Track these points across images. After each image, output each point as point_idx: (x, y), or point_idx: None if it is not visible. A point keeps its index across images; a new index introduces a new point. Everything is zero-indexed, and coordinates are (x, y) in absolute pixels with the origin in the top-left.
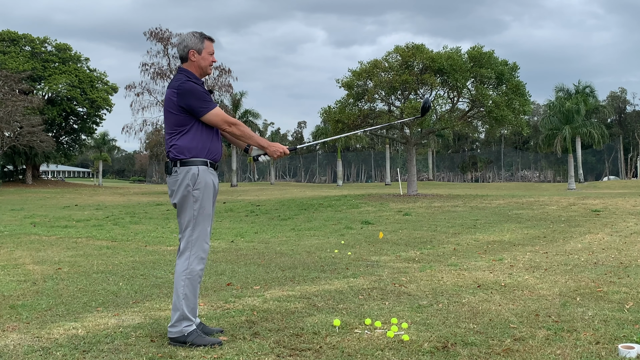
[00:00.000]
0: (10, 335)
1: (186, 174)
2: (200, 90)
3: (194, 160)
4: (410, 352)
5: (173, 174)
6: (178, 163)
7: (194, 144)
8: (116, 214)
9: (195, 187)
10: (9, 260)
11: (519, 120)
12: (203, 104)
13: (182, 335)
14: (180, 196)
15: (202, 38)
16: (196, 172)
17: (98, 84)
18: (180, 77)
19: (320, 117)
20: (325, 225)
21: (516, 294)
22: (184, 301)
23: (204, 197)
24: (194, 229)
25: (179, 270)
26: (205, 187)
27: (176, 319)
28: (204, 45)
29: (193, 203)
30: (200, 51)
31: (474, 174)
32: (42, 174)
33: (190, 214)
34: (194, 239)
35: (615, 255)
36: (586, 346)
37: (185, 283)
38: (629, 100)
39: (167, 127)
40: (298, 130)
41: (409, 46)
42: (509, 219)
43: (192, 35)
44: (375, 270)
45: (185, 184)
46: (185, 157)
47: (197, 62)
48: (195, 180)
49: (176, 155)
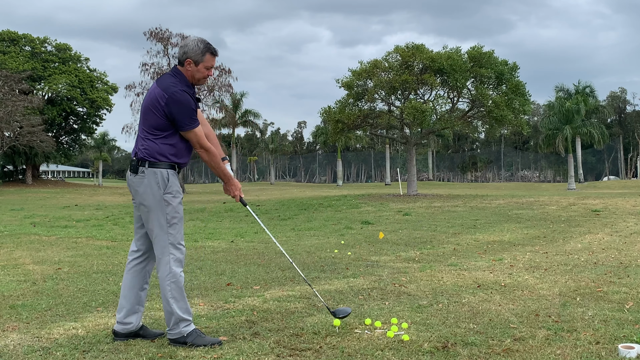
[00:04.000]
0: (10, 335)
1: (155, 177)
2: (190, 106)
3: (163, 163)
4: (410, 352)
5: (139, 174)
6: (146, 164)
7: (168, 149)
8: (116, 214)
9: (167, 190)
10: (9, 260)
11: (519, 120)
12: (189, 120)
13: (182, 336)
14: (150, 199)
15: (205, 51)
16: (166, 176)
17: (98, 84)
18: (174, 81)
19: (320, 117)
20: (325, 225)
21: (516, 294)
22: (175, 304)
23: (176, 201)
24: (168, 232)
25: (162, 276)
26: (177, 191)
27: (172, 322)
28: (203, 58)
29: (165, 207)
30: (197, 63)
31: (474, 174)
32: (42, 174)
33: (162, 218)
34: (170, 242)
35: (615, 255)
36: (586, 346)
37: (171, 287)
38: (629, 100)
39: (144, 126)
40: (298, 130)
41: (409, 46)
42: (509, 219)
43: (196, 45)
44: (375, 270)
45: (154, 187)
46: (155, 160)
47: (192, 72)
48: (166, 184)
49: (145, 156)
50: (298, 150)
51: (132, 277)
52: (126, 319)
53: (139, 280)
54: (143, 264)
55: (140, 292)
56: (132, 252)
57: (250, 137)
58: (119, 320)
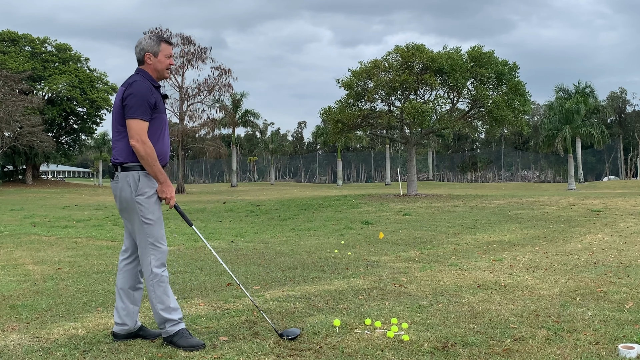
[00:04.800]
0: (10, 335)
1: (127, 180)
2: (145, 97)
3: (135, 165)
4: (410, 352)
5: (115, 179)
6: (119, 168)
7: None
8: (116, 214)
9: (138, 192)
10: (9, 260)
11: (519, 120)
12: (138, 109)
13: (169, 335)
14: (124, 204)
15: (159, 41)
16: (137, 178)
17: (98, 84)
18: (135, 77)
19: (320, 117)
20: (325, 225)
21: (516, 294)
22: (159, 305)
23: (150, 202)
24: (145, 234)
25: (145, 277)
26: (149, 192)
27: (159, 322)
28: (160, 47)
29: (138, 209)
30: (156, 54)
31: (474, 174)
32: (42, 174)
33: (137, 220)
34: (148, 244)
35: (615, 255)
36: (586, 346)
37: (155, 288)
38: (629, 100)
39: (114, 128)
40: (298, 130)
41: (409, 46)
42: (509, 219)
43: (149, 38)
44: (375, 270)
45: (127, 191)
46: (126, 162)
47: (153, 65)
48: (137, 187)
49: (116, 159)
50: (298, 150)
51: (123, 277)
52: (122, 320)
53: (130, 280)
54: (133, 264)
55: (134, 292)
56: (122, 252)
57: (250, 137)
58: (116, 321)
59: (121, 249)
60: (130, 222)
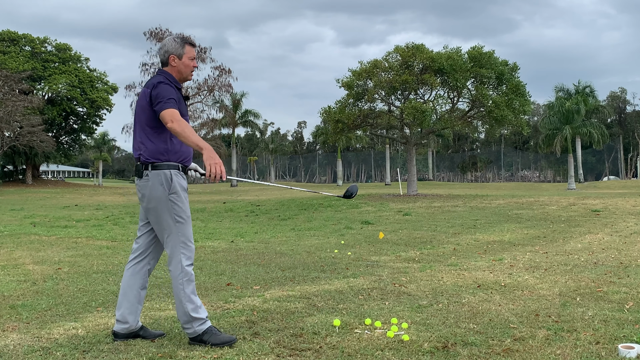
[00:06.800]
0: (10, 335)
1: (159, 179)
2: (169, 90)
3: (167, 164)
4: (410, 352)
5: (144, 178)
6: (149, 167)
7: (165, 146)
8: (116, 214)
9: (171, 191)
10: (9, 260)
11: (519, 120)
12: (168, 101)
13: (197, 334)
14: (154, 203)
15: (184, 43)
16: (169, 176)
17: (98, 84)
18: (159, 77)
19: (320, 117)
20: (325, 225)
21: (516, 294)
22: (188, 304)
23: (182, 200)
24: (177, 233)
25: (174, 275)
26: (182, 191)
27: (184, 321)
28: (184, 50)
29: (172, 208)
30: (180, 56)
31: (474, 174)
32: (42, 174)
33: (170, 218)
34: (179, 242)
35: (615, 255)
36: (586, 346)
37: (184, 286)
38: (629, 100)
39: (138, 127)
40: (298, 130)
41: (409, 46)
42: (509, 219)
43: (173, 40)
44: (375, 270)
45: (159, 190)
46: (158, 161)
47: (178, 67)
48: (170, 185)
49: (147, 159)
50: (298, 150)
51: (131, 276)
52: (124, 317)
53: (138, 279)
54: (143, 263)
55: (141, 290)
56: (134, 250)
57: (250, 137)
58: (118, 318)
59: (132, 247)
60: (158, 222)
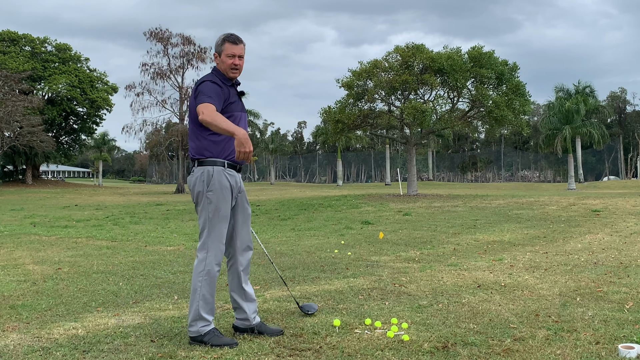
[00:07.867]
0: (10, 335)
1: (201, 175)
2: (212, 89)
3: (210, 160)
4: (410, 352)
5: (192, 173)
6: (196, 163)
7: (212, 143)
8: (116, 214)
9: (209, 188)
10: (9, 260)
11: (519, 120)
12: (204, 95)
13: (200, 334)
14: (195, 197)
15: (223, 40)
16: (210, 173)
17: (98, 84)
18: (205, 76)
19: (320, 117)
20: (325, 225)
21: (516, 294)
22: (201, 302)
23: (219, 198)
24: (210, 231)
25: (196, 271)
26: (221, 189)
27: (192, 318)
28: (223, 47)
29: (207, 205)
30: (220, 53)
31: (474, 174)
32: (42, 174)
33: (205, 215)
34: (210, 240)
35: (615, 255)
36: (586, 346)
37: (202, 284)
38: (629, 100)
39: (190, 124)
40: (298, 130)
41: (409, 46)
42: (509, 219)
43: (218, 39)
44: (375, 270)
45: (199, 185)
46: (203, 157)
47: (219, 65)
48: (209, 182)
49: (194, 155)
50: (298, 150)
51: (230, 278)
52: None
53: (233, 278)
54: (231, 262)
55: (245, 286)
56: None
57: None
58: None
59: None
60: (199, 216)
